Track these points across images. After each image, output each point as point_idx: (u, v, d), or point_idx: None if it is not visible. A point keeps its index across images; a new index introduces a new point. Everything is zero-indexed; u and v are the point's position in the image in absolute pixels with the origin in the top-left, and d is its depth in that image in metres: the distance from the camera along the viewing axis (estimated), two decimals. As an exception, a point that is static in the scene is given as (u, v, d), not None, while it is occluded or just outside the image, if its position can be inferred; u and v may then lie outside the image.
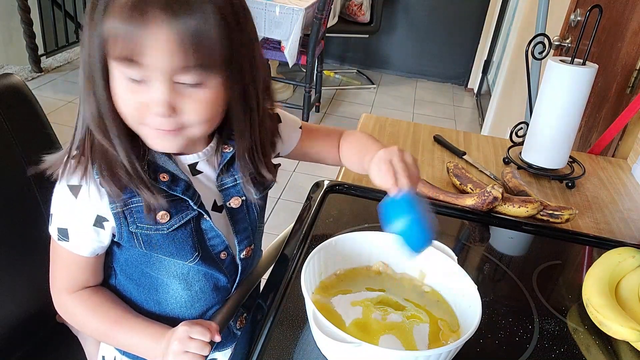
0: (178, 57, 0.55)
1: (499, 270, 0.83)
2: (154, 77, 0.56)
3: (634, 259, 0.78)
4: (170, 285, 0.72)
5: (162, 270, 0.70)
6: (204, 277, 0.72)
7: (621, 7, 1.47)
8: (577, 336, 0.70)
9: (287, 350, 0.62)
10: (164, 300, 0.73)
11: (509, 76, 2.87)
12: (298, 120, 0.84)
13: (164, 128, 0.60)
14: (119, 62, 0.56)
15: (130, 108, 0.59)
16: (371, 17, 3.91)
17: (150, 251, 0.67)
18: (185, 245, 0.67)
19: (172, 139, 0.62)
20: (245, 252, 0.75)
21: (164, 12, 0.53)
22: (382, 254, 0.73)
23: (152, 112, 0.58)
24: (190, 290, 0.73)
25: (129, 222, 0.64)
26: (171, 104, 0.58)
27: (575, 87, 1.06)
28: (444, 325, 0.64)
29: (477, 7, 4.04)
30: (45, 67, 3.59)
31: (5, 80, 0.84)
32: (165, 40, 0.54)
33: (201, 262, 0.69)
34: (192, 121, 0.60)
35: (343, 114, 3.53)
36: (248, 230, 0.75)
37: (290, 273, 0.74)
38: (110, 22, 0.54)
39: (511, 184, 1.04)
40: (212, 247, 0.71)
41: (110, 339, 0.73)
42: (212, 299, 0.75)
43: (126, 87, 0.58)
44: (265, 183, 0.73)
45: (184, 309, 0.74)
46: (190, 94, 0.59)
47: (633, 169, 1.23)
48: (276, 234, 0.92)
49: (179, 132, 0.61)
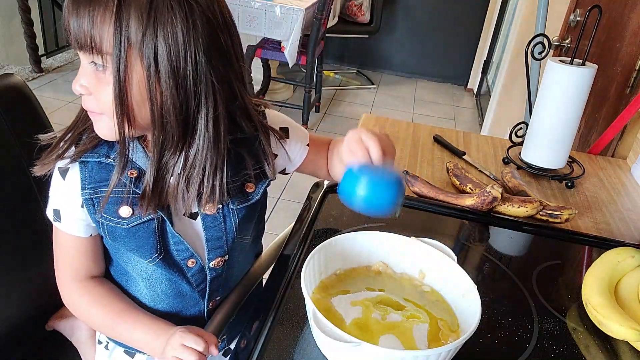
0: (75, 34, 0.57)
1: (499, 270, 0.83)
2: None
3: (633, 258, 0.79)
4: (136, 280, 0.73)
5: (128, 264, 0.71)
6: (167, 281, 0.72)
7: (621, 7, 1.47)
8: (576, 336, 0.70)
9: (287, 350, 0.62)
10: (132, 293, 0.75)
11: (509, 76, 2.87)
12: (307, 135, 0.81)
13: (87, 108, 0.62)
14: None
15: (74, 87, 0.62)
16: (371, 18, 3.91)
17: (114, 242, 0.68)
18: (145, 244, 0.68)
19: (98, 122, 0.63)
20: (216, 262, 0.73)
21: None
22: (382, 254, 0.73)
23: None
24: (153, 290, 0.73)
25: (95, 210, 0.66)
26: (85, 83, 0.59)
27: (574, 87, 1.06)
28: (443, 325, 0.64)
29: (477, 8, 4.04)
30: (46, 67, 3.59)
31: (5, 80, 0.84)
32: (77, 14, 0.56)
33: (162, 264, 0.69)
34: (99, 108, 0.61)
35: (343, 114, 3.53)
36: (222, 240, 0.72)
37: (290, 273, 0.74)
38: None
39: (511, 184, 1.04)
40: (177, 253, 0.70)
41: (113, 331, 0.74)
42: (177, 304, 0.75)
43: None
44: (246, 195, 0.72)
45: (147, 307, 0.75)
46: (98, 76, 0.59)
47: (632, 169, 1.23)
48: (276, 234, 0.92)
49: (100, 117, 0.62)
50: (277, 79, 3.54)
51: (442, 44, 4.24)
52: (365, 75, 4.30)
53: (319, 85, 3.48)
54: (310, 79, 3.09)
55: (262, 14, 2.74)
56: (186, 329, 0.67)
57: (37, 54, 3.49)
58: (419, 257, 0.71)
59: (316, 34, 2.93)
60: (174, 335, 0.66)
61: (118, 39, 0.55)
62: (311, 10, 2.85)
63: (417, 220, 0.92)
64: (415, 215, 0.93)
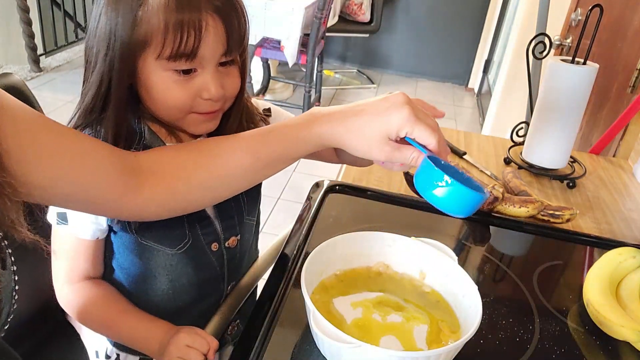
0: (226, 41, 0.60)
1: (500, 271, 0.83)
2: (205, 65, 0.61)
3: (634, 259, 0.78)
4: (156, 277, 0.72)
5: (151, 260, 0.71)
6: (193, 270, 0.73)
7: (622, 6, 1.47)
8: (577, 336, 0.70)
9: (287, 350, 0.62)
10: (151, 290, 0.74)
11: (510, 76, 2.87)
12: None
13: (215, 109, 0.64)
14: (171, 59, 0.58)
15: (181, 100, 0.62)
16: (371, 17, 3.90)
17: (140, 235, 0.68)
18: (175, 230, 0.68)
19: (215, 119, 0.67)
20: (231, 241, 0.75)
21: (209, 4, 0.58)
22: (382, 254, 0.72)
23: (205, 97, 0.62)
24: (175, 283, 0.73)
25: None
26: (222, 84, 0.63)
27: (576, 86, 1.06)
28: (444, 326, 0.64)
29: (478, 7, 4.04)
30: (45, 66, 3.59)
31: (4, 79, 0.83)
32: (218, 27, 0.59)
33: (190, 250, 0.70)
34: (231, 96, 0.66)
35: (343, 114, 3.51)
36: (234, 219, 0.75)
37: (290, 273, 0.74)
38: (155, 18, 0.57)
39: (512, 184, 1.04)
40: (204, 237, 0.71)
41: (111, 331, 0.73)
42: (197, 294, 0.75)
43: (175, 82, 0.61)
44: None
45: (167, 302, 0.74)
46: (228, 72, 0.64)
47: (634, 169, 1.23)
48: (276, 234, 0.91)
49: (220, 111, 0.66)
50: (277, 79, 3.53)
51: (443, 43, 4.24)
52: (366, 75, 4.29)
53: (319, 85, 3.48)
54: (310, 79, 3.09)
55: (262, 13, 2.73)
56: (190, 330, 0.67)
57: (36, 54, 3.49)
58: (419, 257, 0.71)
59: (316, 33, 2.92)
60: (177, 335, 0.66)
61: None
62: (311, 9, 2.84)
63: (417, 220, 0.92)
64: (415, 215, 0.92)
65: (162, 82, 0.60)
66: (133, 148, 0.64)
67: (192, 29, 0.57)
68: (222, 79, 0.63)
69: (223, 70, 0.63)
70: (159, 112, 0.64)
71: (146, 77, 0.60)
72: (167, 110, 0.63)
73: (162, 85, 0.60)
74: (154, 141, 0.66)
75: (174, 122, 0.66)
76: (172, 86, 0.61)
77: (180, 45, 0.57)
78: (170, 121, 0.66)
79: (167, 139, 0.68)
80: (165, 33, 0.57)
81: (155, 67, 0.59)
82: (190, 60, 0.59)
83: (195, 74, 0.61)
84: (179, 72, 0.60)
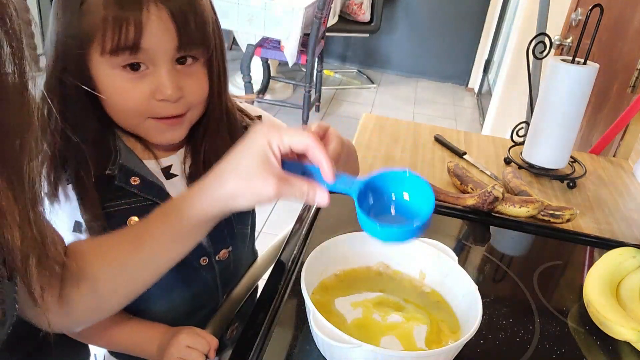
0: (176, 35, 0.56)
1: (500, 271, 0.83)
2: (156, 61, 0.57)
3: (634, 259, 0.78)
4: (149, 294, 0.67)
5: None
6: (184, 285, 0.71)
7: (622, 6, 1.47)
8: (578, 337, 0.70)
9: (287, 350, 0.62)
10: (144, 306, 0.71)
11: (510, 76, 2.87)
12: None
13: (173, 114, 0.60)
14: (114, 54, 0.56)
15: (134, 102, 0.58)
16: (371, 17, 3.90)
17: None
18: None
19: (178, 127, 0.62)
20: (221, 254, 0.72)
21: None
22: (382, 254, 0.72)
23: (159, 98, 0.58)
24: (168, 299, 0.71)
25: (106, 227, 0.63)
26: (178, 84, 0.59)
27: (576, 86, 1.06)
28: (444, 326, 0.64)
29: (478, 6, 4.04)
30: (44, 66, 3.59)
31: (3, 79, 0.83)
32: (165, 19, 0.55)
33: (178, 268, 0.66)
34: (195, 100, 0.62)
35: (343, 114, 3.52)
36: (222, 232, 0.71)
37: (290, 273, 0.74)
38: (96, 14, 0.54)
39: (512, 184, 1.04)
40: (189, 253, 0.68)
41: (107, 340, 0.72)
42: (191, 305, 0.74)
43: (126, 80, 0.58)
44: None
45: (162, 316, 0.72)
46: (189, 72, 0.60)
47: (634, 169, 1.23)
48: (276, 234, 0.91)
49: (184, 118, 0.62)
50: (277, 78, 3.53)
51: (443, 43, 4.24)
52: (366, 75, 4.29)
53: (319, 85, 3.48)
54: (310, 78, 3.09)
55: (261, 13, 2.73)
56: (190, 330, 0.67)
57: (35, 53, 3.48)
58: (419, 257, 0.71)
59: (316, 33, 2.92)
60: (178, 336, 0.66)
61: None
62: (311, 9, 2.84)
63: (418, 220, 0.91)
64: (415, 215, 0.92)
65: (112, 81, 0.58)
66: (109, 169, 0.62)
67: (132, 19, 0.54)
68: (180, 79, 0.59)
69: (182, 70, 0.60)
70: (118, 117, 0.61)
71: (98, 79, 0.58)
72: (124, 113, 0.60)
73: (113, 84, 0.58)
74: (131, 159, 0.64)
75: (135, 129, 0.63)
76: (124, 85, 0.58)
77: (120, 36, 0.54)
78: (131, 128, 0.62)
79: (143, 154, 0.65)
80: (105, 26, 0.54)
81: (103, 65, 0.57)
82: (133, 53, 0.56)
83: (147, 71, 0.58)
84: (126, 68, 0.57)
